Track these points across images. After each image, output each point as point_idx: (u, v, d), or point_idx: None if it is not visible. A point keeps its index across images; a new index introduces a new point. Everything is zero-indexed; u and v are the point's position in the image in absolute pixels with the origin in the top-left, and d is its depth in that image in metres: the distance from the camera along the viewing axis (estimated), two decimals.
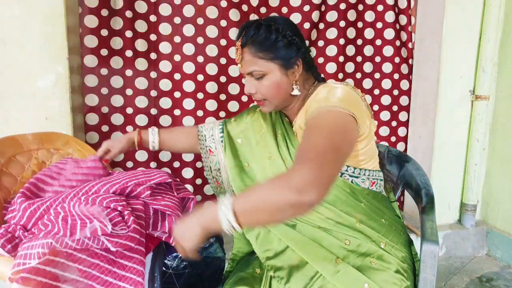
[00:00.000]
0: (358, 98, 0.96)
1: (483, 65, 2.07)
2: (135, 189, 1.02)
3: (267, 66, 0.99)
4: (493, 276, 2.00)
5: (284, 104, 1.07)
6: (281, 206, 0.74)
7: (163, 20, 1.88)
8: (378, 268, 0.93)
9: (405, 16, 2.13)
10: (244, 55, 1.00)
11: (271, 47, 0.98)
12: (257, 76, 1.00)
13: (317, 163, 0.77)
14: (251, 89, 1.03)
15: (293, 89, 1.03)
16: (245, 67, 1.01)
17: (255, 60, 0.99)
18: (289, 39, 0.99)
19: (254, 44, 0.98)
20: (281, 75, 1.00)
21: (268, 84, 1.00)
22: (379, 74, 2.21)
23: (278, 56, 0.98)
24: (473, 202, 2.20)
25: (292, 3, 2.01)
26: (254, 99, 1.06)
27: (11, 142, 1.22)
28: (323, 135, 0.84)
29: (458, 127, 2.15)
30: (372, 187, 1.04)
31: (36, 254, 0.79)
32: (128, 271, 0.86)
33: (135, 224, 0.89)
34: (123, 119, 1.88)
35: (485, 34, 2.05)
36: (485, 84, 2.08)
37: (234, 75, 2.01)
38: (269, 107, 1.06)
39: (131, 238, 0.87)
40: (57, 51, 1.58)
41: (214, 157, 1.23)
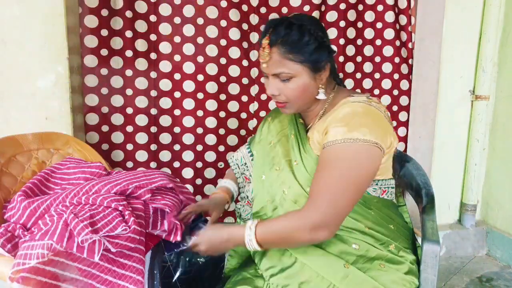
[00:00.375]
0: (382, 119, 0.93)
1: (483, 65, 2.07)
2: (136, 192, 1.02)
3: (296, 69, 0.94)
4: (493, 276, 2.00)
5: (305, 107, 1.03)
6: (295, 242, 0.90)
7: (163, 20, 1.88)
8: (387, 270, 0.93)
9: (405, 16, 2.13)
10: (272, 55, 0.94)
11: (302, 49, 0.93)
12: (284, 78, 0.95)
13: (333, 205, 0.85)
14: (274, 91, 0.98)
15: (318, 92, 0.99)
16: (272, 68, 0.95)
17: (284, 62, 0.93)
18: (320, 41, 0.94)
19: (284, 45, 0.92)
20: (309, 79, 0.96)
21: (295, 87, 0.96)
22: (379, 74, 2.21)
23: (309, 59, 0.93)
24: (473, 202, 2.20)
25: (292, 3, 2.01)
26: (275, 100, 1.01)
27: (11, 142, 1.22)
28: (340, 174, 0.86)
29: (458, 127, 2.15)
30: (383, 195, 1.02)
31: (36, 254, 0.79)
32: (128, 270, 0.86)
33: (135, 224, 0.89)
34: (123, 119, 1.88)
35: (485, 34, 2.05)
36: (485, 84, 2.08)
37: (234, 75, 2.01)
38: (290, 109, 1.02)
39: (131, 238, 0.87)
40: (57, 51, 1.58)
41: (250, 184, 1.21)
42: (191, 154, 2.00)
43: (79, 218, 0.86)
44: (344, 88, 1.07)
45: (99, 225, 0.86)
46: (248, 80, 2.03)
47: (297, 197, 0.98)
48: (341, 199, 0.86)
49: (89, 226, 0.84)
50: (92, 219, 0.87)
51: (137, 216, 0.93)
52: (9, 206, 1.05)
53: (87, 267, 0.83)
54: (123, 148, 1.90)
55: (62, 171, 1.20)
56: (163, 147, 1.97)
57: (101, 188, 0.99)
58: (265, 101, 2.07)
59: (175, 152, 1.99)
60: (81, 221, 0.85)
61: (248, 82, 2.04)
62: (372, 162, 0.89)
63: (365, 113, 0.91)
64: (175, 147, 1.99)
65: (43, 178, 1.15)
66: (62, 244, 0.80)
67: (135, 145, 1.91)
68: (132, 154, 1.91)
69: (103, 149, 1.85)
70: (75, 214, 0.88)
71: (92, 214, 0.89)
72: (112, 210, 0.92)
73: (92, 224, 0.86)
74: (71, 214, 0.88)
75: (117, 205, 0.93)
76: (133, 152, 1.91)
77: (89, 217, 0.88)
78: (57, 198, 1.00)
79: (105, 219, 0.89)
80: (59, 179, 1.17)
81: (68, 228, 0.84)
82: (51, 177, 1.17)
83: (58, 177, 1.18)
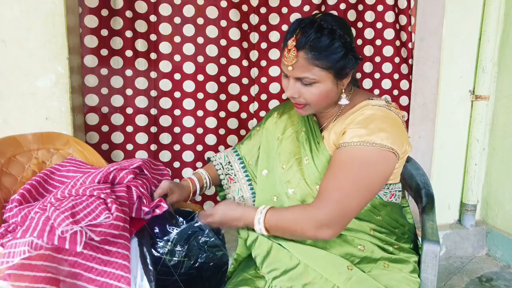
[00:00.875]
0: (401, 125, 0.93)
1: (483, 65, 2.07)
2: (118, 174, 1.02)
3: (320, 75, 0.91)
4: (493, 276, 2.00)
5: (324, 110, 1.02)
6: (300, 234, 0.91)
7: (163, 20, 1.88)
8: (391, 270, 0.93)
9: (405, 16, 2.13)
10: (298, 58, 0.89)
11: (330, 56, 0.89)
12: (307, 82, 0.92)
13: (340, 205, 0.86)
14: (294, 94, 0.95)
15: (341, 98, 0.97)
16: (297, 72, 0.91)
17: (310, 67, 0.90)
18: (348, 48, 0.91)
19: (313, 50, 0.88)
20: (332, 85, 0.93)
21: (317, 93, 0.93)
22: (379, 74, 2.21)
23: (335, 66, 0.90)
24: (473, 202, 2.20)
25: (292, 3, 2.01)
26: (293, 102, 0.99)
27: (11, 142, 1.22)
28: (353, 176, 0.86)
29: (458, 127, 2.15)
30: (391, 199, 1.02)
31: (19, 252, 0.79)
32: (113, 256, 0.86)
33: (118, 211, 0.89)
34: (123, 119, 1.88)
35: (485, 34, 2.05)
36: (485, 84, 2.08)
37: (234, 75, 2.01)
38: (308, 111, 1.00)
39: (114, 225, 0.87)
40: (57, 51, 1.58)
41: (235, 184, 1.21)
42: (191, 154, 2.00)
43: (59, 210, 0.86)
44: (359, 89, 1.06)
45: (81, 215, 0.86)
46: (248, 80, 2.03)
47: (304, 197, 0.99)
48: (350, 201, 0.86)
49: (70, 217, 0.83)
50: (73, 209, 0.87)
51: (121, 204, 0.94)
52: (8, 206, 1.05)
53: (73, 257, 0.83)
54: (123, 148, 1.90)
55: (61, 173, 1.20)
56: (163, 147, 1.97)
57: (85, 180, 1.00)
58: (265, 101, 2.07)
59: (175, 152, 1.99)
60: (62, 212, 0.85)
61: (248, 82, 2.04)
62: (386, 167, 0.88)
63: (385, 118, 0.91)
64: (175, 147, 1.99)
65: (42, 180, 1.14)
66: (43, 238, 0.80)
67: (135, 145, 1.91)
68: (132, 154, 1.91)
69: (103, 149, 1.85)
70: (55, 207, 0.87)
71: (74, 204, 0.89)
72: (95, 199, 0.92)
73: (73, 215, 0.85)
74: (52, 207, 0.88)
75: (99, 193, 0.93)
76: (133, 152, 1.91)
77: (70, 208, 0.87)
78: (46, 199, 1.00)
79: (87, 208, 0.89)
80: (58, 182, 1.17)
81: (49, 222, 0.83)
82: (50, 178, 1.17)
83: (57, 179, 1.18)
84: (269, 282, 0.95)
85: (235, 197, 1.20)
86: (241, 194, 1.19)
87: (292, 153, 1.04)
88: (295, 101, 0.98)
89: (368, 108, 0.93)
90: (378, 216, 0.98)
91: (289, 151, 1.05)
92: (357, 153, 0.87)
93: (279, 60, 2.02)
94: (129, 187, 1.01)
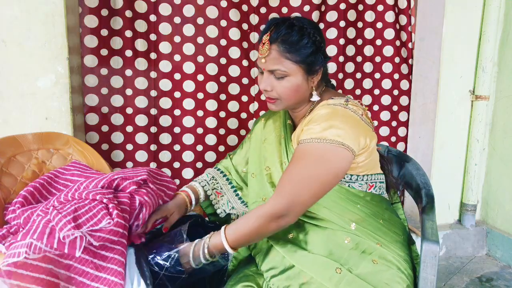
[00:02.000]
0: (357, 121, 0.96)
1: (483, 65, 2.07)
2: (122, 183, 1.02)
3: (291, 68, 0.97)
4: (493, 276, 2.00)
5: (295, 107, 1.07)
6: (265, 233, 0.94)
7: (163, 20, 1.88)
8: (381, 268, 0.93)
9: (405, 16, 2.13)
10: (271, 50, 0.97)
11: (300, 50, 0.96)
12: (279, 75, 0.99)
13: (292, 196, 0.90)
14: (267, 86, 1.01)
15: (312, 95, 1.03)
16: (269, 64, 0.98)
17: (281, 60, 0.97)
18: (317, 45, 0.98)
19: (284, 44, 0.96)
20: (302, 80, 0.99)
21: (288, 86, 0.99)
22: (379, 74, 2.21)
23: (305, 61, 0.97)
24: (473, 202, 2.20)
25: (292, 3, 2.01)
26: (266, 95, 1.05)
27: (11, 142, 1.22)
28: (305, 169, 0.91)
29: (458, 127, 2.15)
30: (370, 189, 1.04)
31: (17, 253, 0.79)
32: (109, 262, 0.87)
33: (118, 217, 0.89)
34: (123, 119, 1.88)
35: (485, 34, 2.05)
36: (485, 84, 2.08)
37: (234, 75, 2.01)
38: (279, 106, 1.05)
39: (114, 231, 0.87)
40: (57, 51, 1.58)
41: (223, 197, 1.25)
42: (191, 154, 2.00)
43: (62, 214, 0.86)
44: (330, 90, 1.10)
45: (83, 219, 0.86)
46: (248, 80, 2.03)
47: None
48: (301, 192, 0.91)
49: (72, 222, 0.84)
50: (75, 213, 0.87)
51: (122, 210, 0.94)
52: (10, 208, 1.05)
53: (68, 261, 0.83)
54: (123, 148, 1.90)
55: (66, 176, 1.20)
56: (163, 147, 1.97)
57: (88, 184, 1.00)
58: (265, 101, 2.06)
59: (175, 152, 1.99)
60: (64, 216, 0.85)
61: (248, 82, 2.04)
62: (337, 162, 0.92)
63: (339, 116, 0.95)
64: (175, 147, 1.99)
65: (45, 182, 1.14)
66: (42, 241, 0.80)
67: (135, 145, 1.91)
68: (132, 154, 1.91)
69: (103, 149, 1.85)
70: (58, 211, 0.87)
71: (76, 207, 0.89)
72: (98, 203, 0.92)
73: (75, 219, 0.85)
74: (54, 210, 0.88)
75: (101, 197, 0.93)
76: (133, 152, 1.91)
77: (72, 211, 0.87)
78: (49, 202, 1.00)
79: (90, 212, 0.89)
80: (62, 185, 1.17)
81: (49, 225, 0.84)
82: (54, 181, 1.17)
83: (61, 182, 1.18)
84: (267, 281, 0.97)
85: (225, 210, 1.24)
86: (231, 206, 1.23)
87: (275, 156, 1.09)
88: (268, 95, 1.03)
89: (325, 107, 0.98)
90: (357, 205, 1.00)
91: (272, 155, 1.10)
92: (309, 149, 0.92)
93: None
94: (132, 195, 1.01)
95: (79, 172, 1.21)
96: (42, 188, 1.12)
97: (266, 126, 1.19)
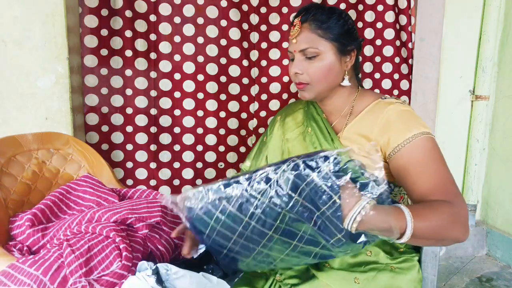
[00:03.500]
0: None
1: (483, 65, 2.07)
2: (135, 224, 1.00)
3: (323, 45, 0.94)
4: (493, 276, 2.00)
5: (326, 94, 1.01)
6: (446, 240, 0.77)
7: (163, 20, 1.88)
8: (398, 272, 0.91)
9: (405, 16, 2.13)
10: (302, 30, 0.95)
11: (332, 27, 0.94)
12: (310, 54, 0.95)
13: (461, 197, 0.81)
14: (298, 69, 0.96)
15: (343, 79, 0.99)
16: (300, 43, 0.95)
17: (313, 37, 0.94)
18: (350, 26, 0.97)
19: (315, 21, 0.94)
20: (335, 59, 0.95)
21: (319, 66, 0.95)
22: (379, 74, 2.21)
23: (337, 38, 0.95)
24: (473, 202, 2.20)
25: (292, 3, 2.01)
26: (297, 81, 0.99)
27: (11, 142, 1.22)
28: (441, 163, 0.87)
29: (458, 127, 2.15)
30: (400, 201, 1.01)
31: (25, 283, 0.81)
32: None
33: (126, 260, 0.88)
34: (123, 119, 1.88)
35: (485, 34, 2.05)
36: (485, 84, 2.08)
37: (234, 75, 2.01)
38: (310, 93, 0.99)
39: (119, 275, 0.86)
40: (57, 51, 1.58)
41: None
42: (191, 154, 2.00)
43: (75, 254, 0.85)
44: (365, 89, 1.07)
45: (95, 262, 0.85)
46: (248, 80, 2.03)
47: None
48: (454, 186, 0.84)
49: (84, 266, 0.82)
50: (89, 253, 0.86)
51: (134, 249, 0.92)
52: (16, 223, 1.04)
53: None
54: (123, 148, 1.90)
55: (77, 193, 1.18)
56: (163, 148, 1.97)
57: (101, 216, 0.98)
58: (265, 101, 2.07)
59: (175, 152, 1.99)
60: (77, 257, 0.83)
61: (248, 82, 2.04)
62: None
63: (410, 112, 0.95)
64: (175, 148, 1.99)
65: (57, 199, 1.12)
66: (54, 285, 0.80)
67: (135, 145, 1.91)
68: (132, 154, 1.91)
69: (103, 149, 1.85)
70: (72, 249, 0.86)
71: (90, 246, 0.88)
72: (111, 242, 0.91)
73: (87, 262, 0.83)
74: (68, 247, 0.87)
75: (115, 235, 0.92)
76: (133, 152, 1.91)
77: (86, 251, 0.86)
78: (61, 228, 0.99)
79: (102, 252, 0.87)
80: (73, 202, 1.16)
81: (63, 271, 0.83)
82: (66, 198, 1.15)
83: (73, 199, 1.16)
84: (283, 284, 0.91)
85: None
86: None
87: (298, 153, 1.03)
88: (299, 79, 0.98)
89: (391, 107, 0.95)
90: None
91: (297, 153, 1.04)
92: (420, 145, 0.88)
93: (279, 60, 2.03)
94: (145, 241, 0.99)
95: (91, 189, 1.19)
96: (54, 205, 1.10)
97: (284, 123, 1.13)
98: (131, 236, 0.96)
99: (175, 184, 2.00)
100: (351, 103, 1.01)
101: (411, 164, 0.86)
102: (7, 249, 0.95)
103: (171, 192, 1.99)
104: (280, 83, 2.04)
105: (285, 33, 2.01)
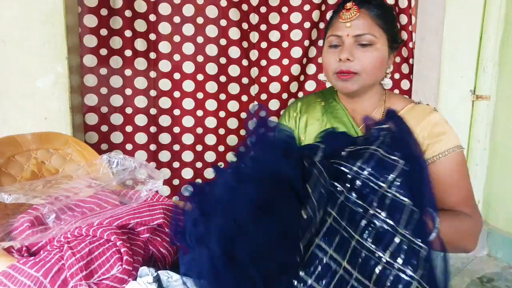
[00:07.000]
0: None
1: (483, 65, 2.06)
2: (137, 228, 1.00)
3: (381, 36, 0.88)
4: (494, 277, 1.99)
5: (366, 90, 0.94)
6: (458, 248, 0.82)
7: (163, 20, 1.87)
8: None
9: (405, 16, 2.12)
10: (360, 13, 0.87)
11: (389, 20, 0.90)
12: (365, 41, 0.87)
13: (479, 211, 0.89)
14: (349, 55, 0.87)
15: (386, 75, 0.94)
16: (356, 28, 0.87)
17: (371, 24, 0.87)
18: (398, 27, 1.00)
19: (376, 8, 0.88)
20: (386, 54, 0.91)
21: (373, 56, 0.88)
22: None
23: (391, 31, 0.91)
24: None
25: (292, 2, 2.01)
26: (344, 69, 0.89)
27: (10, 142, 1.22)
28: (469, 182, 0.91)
29: (459, 127, 2.14)
30: None
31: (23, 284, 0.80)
32: None
33: (127, 264, 0.88)
34: (122, 119, 1.88)
35: (485, 33, 2.04)
36: (486, 84, 2.08)
37: (234, 75, 2.00)
38: (356, 84, 0.90)
39: (119, 279, 0.86)
40: (56, 51, 1.58)
41: None
42: (191, 154, 2.00)
43: (75, 256, 0.85)
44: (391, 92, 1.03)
45: (95, 265, 0.85)
46: (248, 79, 2.03)
47: None
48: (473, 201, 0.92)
49: (84, 269, 0.82)
50: (89, 256, 0.86)
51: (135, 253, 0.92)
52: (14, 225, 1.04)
53: None
54: (123, 148, 1.90)
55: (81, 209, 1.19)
56: (163, 147, 1.97)
57: (102, 221, 0.98)
58: (265, 101, 2.07)
59: (174, 152, 1.99)
60: (77, 260, 0.83)
61: (248, 82, 2.03)
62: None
63: (447, 122, 0.97)
64: (174, 147, 1.99)
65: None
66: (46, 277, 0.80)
67: (134, 145, 1.91)
68: (131, 154, 1.91)
69: (102, 149, 1.85)
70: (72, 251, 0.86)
71: (91, 249, 0.88)
72: (112, 245, 0.90)
73: (87, 265, 0.83)
74: (69, 250, 0.87)
75: (116, 238, 0.92)
76: (132, 152, 1.91)
77: (86, 254, 0.86)
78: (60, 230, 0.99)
79: (103, 255, 0.87)
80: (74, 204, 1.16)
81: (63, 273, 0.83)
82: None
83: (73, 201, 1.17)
84: None
85: None
86: None
87: None
88: (347, 67, 0.88)
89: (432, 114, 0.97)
90: None
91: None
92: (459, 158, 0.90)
93: (279, 59, 2.02)
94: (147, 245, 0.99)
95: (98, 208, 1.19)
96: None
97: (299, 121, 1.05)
98: (132, 240, 0.95)
99: (174, 184, 2.00)
100: (382, 105, 0.95)
101: (445, 176, 0.88)
102: (6, 249, 0.95)
103: (170, 192, 1.99)
104: (280, 83, 2.03)
105: (285, 33, 2.01)
